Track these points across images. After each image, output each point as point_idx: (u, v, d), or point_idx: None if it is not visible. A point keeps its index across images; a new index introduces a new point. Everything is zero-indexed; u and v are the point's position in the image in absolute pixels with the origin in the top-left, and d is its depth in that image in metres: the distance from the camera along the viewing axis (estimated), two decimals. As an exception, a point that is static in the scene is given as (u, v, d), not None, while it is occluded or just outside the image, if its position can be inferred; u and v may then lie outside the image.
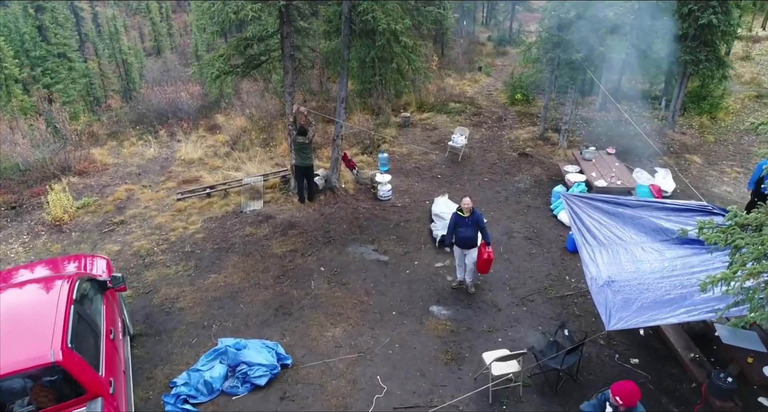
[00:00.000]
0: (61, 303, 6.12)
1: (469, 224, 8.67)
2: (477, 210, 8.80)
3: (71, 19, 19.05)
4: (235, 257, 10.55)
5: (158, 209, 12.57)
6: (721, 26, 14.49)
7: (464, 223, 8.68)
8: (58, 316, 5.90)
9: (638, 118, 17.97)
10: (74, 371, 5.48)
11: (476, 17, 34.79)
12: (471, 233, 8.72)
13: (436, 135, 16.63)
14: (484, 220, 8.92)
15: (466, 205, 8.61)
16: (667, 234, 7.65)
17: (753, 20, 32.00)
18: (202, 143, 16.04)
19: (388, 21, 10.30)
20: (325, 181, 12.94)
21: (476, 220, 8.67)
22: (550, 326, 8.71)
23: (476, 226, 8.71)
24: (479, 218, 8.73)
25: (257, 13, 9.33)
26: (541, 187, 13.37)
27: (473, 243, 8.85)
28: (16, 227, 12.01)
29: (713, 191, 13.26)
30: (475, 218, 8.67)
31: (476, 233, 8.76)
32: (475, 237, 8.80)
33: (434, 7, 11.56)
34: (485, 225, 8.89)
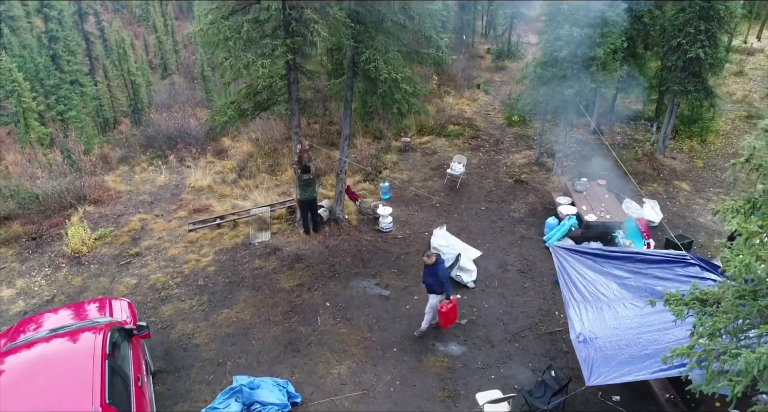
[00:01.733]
0: (96, 358, 6.81)
1: (430, 274, 9.18)
2: (440, 264, 9.20)
3: (82, 45, 19.67)
4: (246, 292, 11.24)
5: (171, 240, 13.26)
6: (708, 59, 15.11)
7: (427, 271, 9.25)
8: (95, 372, 6.59)
9: (630, 142, 18.66)
10: (112, 425, 6.18)
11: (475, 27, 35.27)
12: (430, 280, 9.26)
13: (435, 160, 17.28)
14: (446, 274, 9.29)
15: (426, 260, 9.12)
16: (646, 291, 8.34)
17: (748, 31, 32.43)
18: (210, 170, 16.71)
19: (389, 70, 10.95)
20: (330, 213, 13.61)
21: (435, 271, 9.10)
22: (539, 363, 9.40)
23: (436, 276, 9.13)
24: (439, 270, 9.12)
25: (267, 67, 9.97)
26: (535, 216, 14.03)
27: (432, 290, 9.38)
28: (38, 258, 12.70)
29: (699, 221, 13.92)
30: (435, 269, 9.10)
31: (437, 281, 9.18)
32: (435, 285, 9.25)
33: (433, 50, 12.16)
34: (446, 279, 9.21)
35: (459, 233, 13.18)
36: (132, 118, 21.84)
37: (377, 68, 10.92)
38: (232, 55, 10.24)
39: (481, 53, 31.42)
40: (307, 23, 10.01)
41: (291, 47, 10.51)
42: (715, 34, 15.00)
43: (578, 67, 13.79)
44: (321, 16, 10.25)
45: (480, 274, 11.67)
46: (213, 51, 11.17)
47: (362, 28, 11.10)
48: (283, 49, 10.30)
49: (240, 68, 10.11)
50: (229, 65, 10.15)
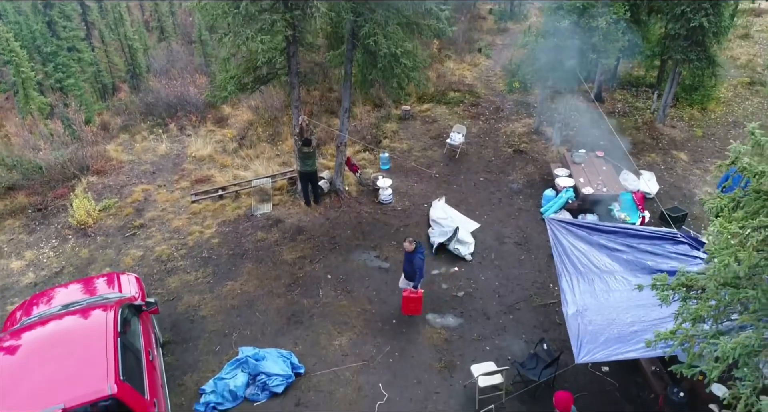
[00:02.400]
0: (109, 336, 7.14)
1: (407, 259, 9.42)
2: (419, 252, 9.31)
3: (78, 10, 19.36)
4: (249, 264, 11.55)
5: (174, 211, 13.49)
6: (712, 28, 14.93)
7: (406, 258, 9.48)
8: (108, 350, 6.93)
9: (631, 110, 18.62)
10: (127, 400, 6.56)
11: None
12: (408, 268, 9.51)
13: (435, 129, 17.32)
14: (421, 264, 9.37)
15: (406, 246, 9.33)
16: (637, 265, 8.61)
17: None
18: (211, 138, 16.79)
19: (389, 45, 10.91)
20: (330, 184, 13.79)
21: (412, 258, 9.31)
22: (533, 335, 9.79)
23: (411, 263, 9.32)
24: (416, 259, 9.29)
25: (266, 43, 9.95)
26: (533, 187, 14.21)
27: (410, 277, 9.59)
28: (45, 230, 12.97)
29: (694, 192, 14.10)
30: (412, 256, 9.30)
31: (413, 269, 9.38)
32: (412, 272, 9.45)
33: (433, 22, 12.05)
34: (420, 269, 9.36)
35: (458, 204, 13.39)
36: (130, 84, 21.71)
37: (377, 43, 10.88)
38: (231, 31, 10.21)
39: (483, 14, 30.83)
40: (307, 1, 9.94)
41: (290, 22, 10.44)
42: (719, 2, 14.76)
43: (580, 38, 13.67)
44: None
45: (477, 246, 11.95)
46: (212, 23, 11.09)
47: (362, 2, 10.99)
48: (282, 23, 10.24)
49: (239, 44, 10.09)
50: (229, 41, 10.13)
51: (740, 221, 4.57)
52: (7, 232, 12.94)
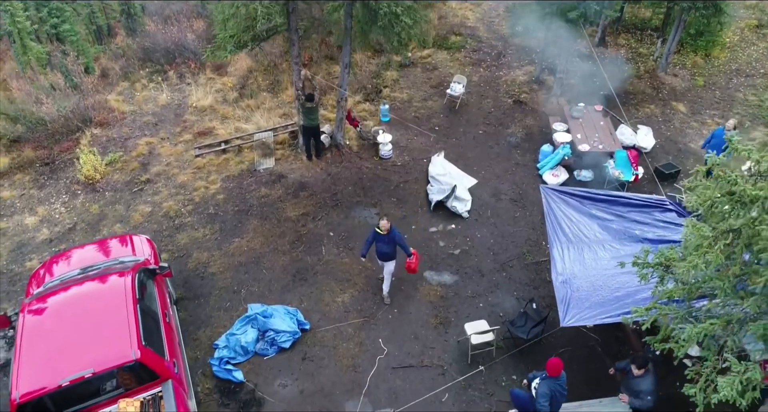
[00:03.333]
0: (129, 303, 7.71)
1: (386, 241, 9.30)
2: (395, 229, 9.36)
3: (67, -52, 18.70)
4: (255, 221, 12.02)
5: (179, 165, 13.79)
6: (720, -24, 14.56)
7: (382, 240, 9.32)
8: (130, 317, 7.52)
9: (634, 56, 18.41)
10: (150, 363, 7.22)
11: None
12: (388, 249, 9.40)
13: (435, 77, 17.24)
14: (402, 236, 9.55)
15: (384, 226, 9.21)
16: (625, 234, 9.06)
17: None
18: (211, 88, 16.76)
19: (389, 4, 10.80)
20: (331, 138, 14.00)
21: (393, 237, 9.30)
22: (524, 292, 10.42)
23: (394, 242, 9.35)
24: (396, 235, 9.34)
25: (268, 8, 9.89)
26: (531, 141, 14.42)
27: (391, 257, 9.56)
28: (54, 185, 13.34)
29: (690, 147, 14.32)
30: (392, 235, 9.28)
31: (394, 248, 9.43)
32: (393, 252, 9.49)
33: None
34: (403, 240, 9.52)
35: (456, 159, 13.68)
36: (125, 25, 21.30)
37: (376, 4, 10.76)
38: None
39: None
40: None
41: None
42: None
43: (584, -12, 13.40)
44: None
45: (474, 203, 12.36)
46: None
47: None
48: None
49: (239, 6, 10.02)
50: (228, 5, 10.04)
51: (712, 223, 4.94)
52: (17, 187, 13.32)
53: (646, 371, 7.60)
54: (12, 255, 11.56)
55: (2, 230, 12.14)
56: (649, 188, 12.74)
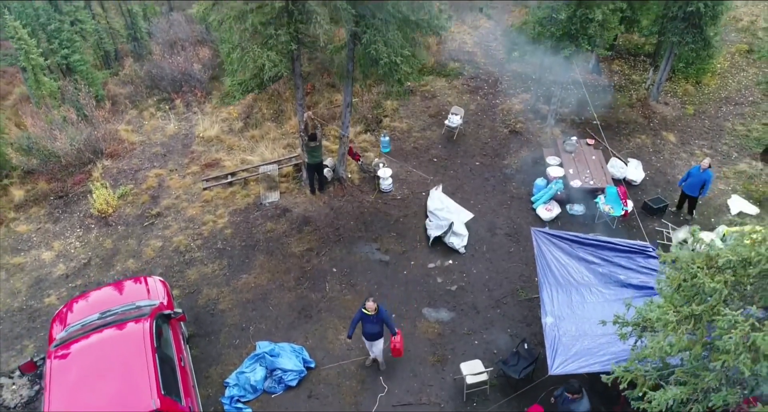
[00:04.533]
0: (148, 352, 8.31)
1: (374, 321, 9.29)
2: (382, 309, 9.33)
3: (76, -21, 19.23)
4: (261, 257, 12.61)
5: (188, 198, 14.37)
6: (708, 12, 15.08)
7: (369, 320, 9.30)
8: (149, 366, 8.11)
9: (627, 83, 18.98)
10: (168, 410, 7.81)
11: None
12: (376, 329, 9.39)
13: (434, 105, 17.80)
14: (389, 315, 9.65)
15: (370, 306, 9.17)
16: (611, 278, 9.65)
17: None
18: (216, 117, 17.34)
19: (389, 53, 11.36)
20: (333, 172, 14.58)
21: (381, 318, 9.29)
22: (517, 329, 11.01)
23: (381, 322, 9.34)
24: (384, 315, 9.34)
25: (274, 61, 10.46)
26: (526, 173, 14.98)
27: (378, 336, 9.56)
28: (68, 219, 13.93)
29: (678, 178, 14.85)
30: (380, 316, 9.28)
31: (381, 328, 9.43)
32: (381, 331, 9.49)
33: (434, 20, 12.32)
34: (390, 320, 9.54)
35: (454, 192, 14.25)
36: (133, 48, 21.86)
37: (377, 51, 11.32)
38: (239, 46, 10.68)
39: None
40: (310, 15, 10.33)
41: (294, 35, 10.86)
42: (718, -15, 14.84)
43: (576, 28, 13.95)
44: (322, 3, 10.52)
45: (471, 238, 12.93)
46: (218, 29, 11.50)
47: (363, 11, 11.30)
48: (286, 38, 10.67)
49: (247, 60, 10.60)
50: (237, 58, 10.63)
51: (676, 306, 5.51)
52: (33, 220, 13.91)
53: (582, 396, 8.34)
54: (31, 291, 12.15)
55: (20, 265, 12.74)
56: (639, 222, 13.32)
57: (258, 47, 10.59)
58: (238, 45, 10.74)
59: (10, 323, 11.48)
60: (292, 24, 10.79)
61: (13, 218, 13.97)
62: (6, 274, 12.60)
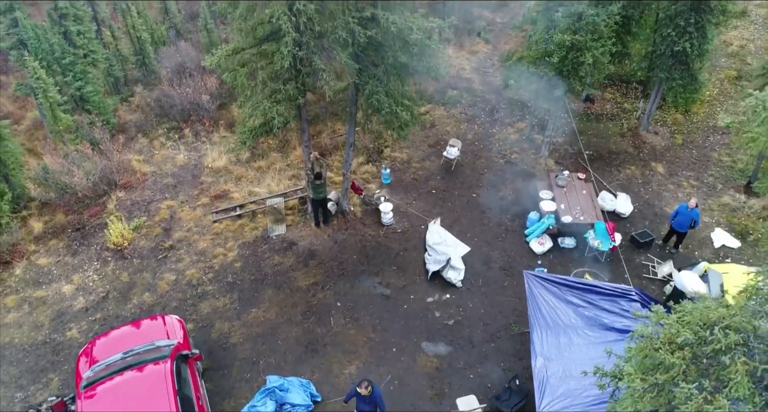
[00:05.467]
0: (170, 394, 9.09)
1: (367, 402, 9.62)
2: (376, 390, 9.57)
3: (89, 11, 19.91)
4: (270, 290, 13.37)
5: (199, 231, 15.13)
6: (695, 51, 15.81)
7: (363, 400, 9.62)
8: (171, 405, 8.88)
9: (619, 112, 19.72)
10: (190, 453, 8.60)
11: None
12: (368, 408, 9.75)
13: (433, 135, 18.56)
14: (381, 397, 9.75)
15: (364, 390, 9.43)
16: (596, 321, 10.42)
17: None
18: (224, 146, 18.08)
19: (390, 103, 12.12)
20: (337, 205, 15.34)
21: (374, 399, 9.58)
22: (510, 363, 11.78)
23: (374, 403, 9.66)
24: (377, 397, 9.59)
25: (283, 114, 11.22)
26: (520, 205, 15.73)
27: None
28: (86, 251, 14.69)
29: (665, 211, 15.63)
30: (373, 398, 9.55)
31: (374, 408, 9.76)
32: (374, 410, 9.83)
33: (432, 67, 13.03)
34: (382, 402, 9.76)
35: (451, 225, 15.01)
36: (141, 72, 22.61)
37: (379, 102, 12.08)
38: (250, 99, 11.45)
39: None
40: (317, 72, 11.09)
41: (301, 89, 11.62)
42: (704, 26, 15.55)
43: (568, 70, 14.68)
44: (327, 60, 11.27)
45: (467, 271, 13.67)
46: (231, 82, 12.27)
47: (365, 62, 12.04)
48: (294, 92, 11.42)
49: (258, 114, 11.37)
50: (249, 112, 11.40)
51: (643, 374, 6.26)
52: (53, 253, 14.67)
53: None
54: (53, 324, 12.93)
55: (42, 299, 13.51)
56: (626, 256, 14.10)
57: (268, 101, 11.34)
58: (250, 98, 11.49)
59: (35, 357, 12.25)
60: (299, 78, 11.52)
61: (33, 250, 14.73)
62: (29, 307, 13.37)
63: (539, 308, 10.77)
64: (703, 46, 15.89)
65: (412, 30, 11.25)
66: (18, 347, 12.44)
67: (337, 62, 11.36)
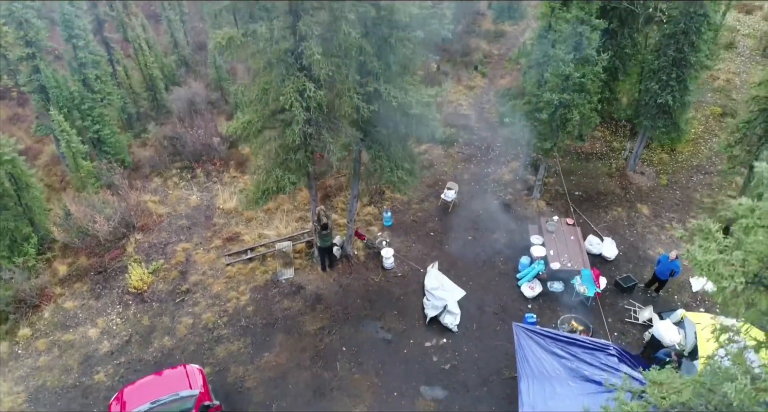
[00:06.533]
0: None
1: None
2: None
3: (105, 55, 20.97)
4: (280, 335, 14.48)
5: (213, 274, 16.24)
6: (677, 103, 16.88)
7: None
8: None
9: (608, 151, 20.80)
10: None
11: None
12: None
13: (431, 175, 19.64)
14: None
15: None
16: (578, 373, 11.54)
17: None
18: (235, 187, 19.19)
19: (391, 166, 13.22)
20: (341, 249, 16.44)
21: None
22: (501, 407, 12.90)
23: None
24: None
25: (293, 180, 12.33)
26: (513, 248, 16.82)
27: None
28: (108, 295, 15.81)
29: (648, 254, 16.73)
30: None
31: None
32: None
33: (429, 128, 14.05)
34: None
35: (448, 269, 16.11)
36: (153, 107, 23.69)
37: (381, 166, 13.19)
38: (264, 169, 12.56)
39: (482, 10, 31.76)
40: (325, 144, 12.18)
41: (310, 157, 12.72)
42: (686, 80, 16.61)
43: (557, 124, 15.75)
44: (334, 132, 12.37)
45: (462, 316, 14.77)
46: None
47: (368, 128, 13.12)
48: (303, 160, 12.52)
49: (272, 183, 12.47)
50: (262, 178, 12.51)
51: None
52: (78, 297, 15.79)
53: None
54: (81, 368, 14.04)
55: (70, 342, 14.63)
56: (611, 299, 15.22)
57: (279, 169, 12.44)
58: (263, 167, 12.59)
59: (67, 400, 13.38)
60: (308, 148, 12.61)
61: (60, 293, 15.85)
62: (59, 350, 14.50)
63: (527, 358, 11.87)
64: (685, 98, 16.93)
65: (412, 104, 12.34)
66: (50, 391, 13.56)
67: (343, 133, 12.44)
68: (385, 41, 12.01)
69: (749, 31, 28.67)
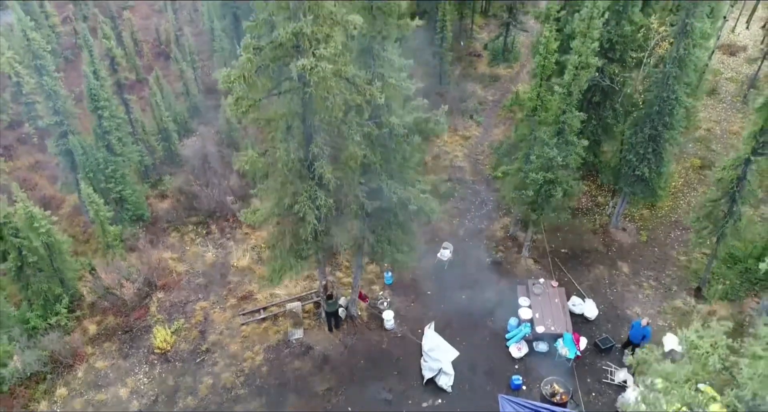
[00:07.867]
0: None
1: None
2: None
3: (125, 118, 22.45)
4: (292, 396, 16.12)
5: (230, 334, 17.87)
6: (653, 174, 18.45)
7: None
8: None
9: (593, 206, 22.35)
10: None
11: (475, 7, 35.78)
12: None
13: (429, 232, 21.18)
14: None
15: None
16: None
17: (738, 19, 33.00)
18: (247, 244, 20.79)
19: (392, 251, 14.85)
20: (346, 310, 18.07)
21: None
22: (489, 466, 14.57)
23: None
24: None
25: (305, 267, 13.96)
26: (502, 306, 18.41)
27: None
28: (135, 354, 17.44)
29: (626, 313, 18.34)
30: None
31: None
32: None
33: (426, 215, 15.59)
34: None
35: (443, 329, 17.72)
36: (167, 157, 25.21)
37: (383, 250, 14.82)
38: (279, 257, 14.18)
39: (478, 50, 33.11)
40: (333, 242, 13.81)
41: (320, 247, 14.32)
42: (661, 153, 18.15)
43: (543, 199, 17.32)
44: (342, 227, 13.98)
45: (456, 377, 16.38)
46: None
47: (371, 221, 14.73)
48: (315, 249, 14.14)
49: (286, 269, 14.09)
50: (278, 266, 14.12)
51: None
52: (107, 356, 17.42)
53: None
54: (115, 427, 15.72)
55: (103, 402, 16.27)
56: (590, 359, 16.85)
57: (293, 258, 14.05)
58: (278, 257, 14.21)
59: (104, 458, 15.06)
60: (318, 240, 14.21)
61: (91, 353, 17.48)
62: (93, 408, 16.15)
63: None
64: (660, 169, 18.48)
65: (410, 200, 13.96)
66: (88, 449, 15.24)
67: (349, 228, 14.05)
68: (386, 147, 13.65)
69: (732, 74, 30.00)
